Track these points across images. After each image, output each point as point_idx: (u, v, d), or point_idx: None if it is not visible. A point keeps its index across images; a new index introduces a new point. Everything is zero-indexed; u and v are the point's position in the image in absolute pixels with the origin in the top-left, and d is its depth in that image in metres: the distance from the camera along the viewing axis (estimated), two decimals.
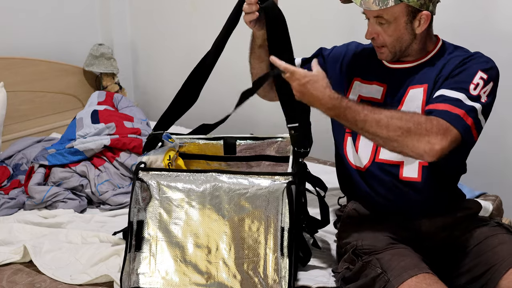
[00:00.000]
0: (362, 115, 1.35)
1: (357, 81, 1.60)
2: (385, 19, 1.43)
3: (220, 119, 1.53)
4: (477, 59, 1.47)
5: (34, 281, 1.59)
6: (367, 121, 1.35)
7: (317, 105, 1.38)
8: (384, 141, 1.36)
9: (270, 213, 1.38)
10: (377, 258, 1.43)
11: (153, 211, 1.43)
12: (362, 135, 1.43)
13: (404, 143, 1.33)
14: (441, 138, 1.32)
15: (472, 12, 2.24)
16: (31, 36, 2.91)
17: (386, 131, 1.33)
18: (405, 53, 1.51)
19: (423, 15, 1.44)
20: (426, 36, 1.51)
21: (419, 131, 1.32)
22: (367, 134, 1.38)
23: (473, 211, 1.60)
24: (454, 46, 1.56)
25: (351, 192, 1.66)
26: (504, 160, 2.31)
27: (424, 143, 1.32)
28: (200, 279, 1.41)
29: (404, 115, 1.35)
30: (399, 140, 1.33)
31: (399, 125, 1.33)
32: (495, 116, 2.25)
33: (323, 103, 1.37)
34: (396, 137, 1.33)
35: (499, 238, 1.47)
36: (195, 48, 3.23)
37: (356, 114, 1.35)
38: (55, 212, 1.99)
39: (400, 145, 1.34)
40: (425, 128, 1.32)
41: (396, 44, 1.48)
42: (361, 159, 1.56)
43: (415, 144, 1.32)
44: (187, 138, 1.72)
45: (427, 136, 1.32)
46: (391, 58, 1.52)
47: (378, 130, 1.34)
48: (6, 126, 2.60)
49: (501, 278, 1.36)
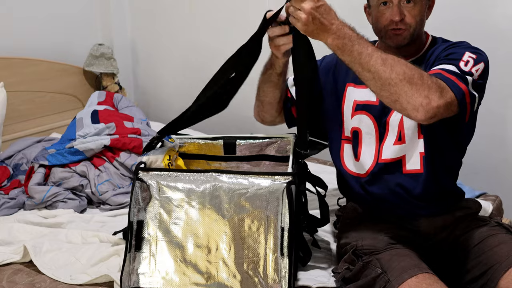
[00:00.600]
0: (369, 50, 1.30)
1: (350, 87, 1.59)
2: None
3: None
4: (465, 44, 1.49)
5: (34, 281, 1.59)
6: (373, 56, 1.30)
7: (326, 31, 1.30)
8: (382, 83, 1.30)
9: (270, 213, 1.38)
10: (377, 258, 1.43)
11: (153, 211, 1.44)
12: (361, 74, 1.33)
13: (403, 90, 1.28)
14: (439, 95, 1.30)
15: (472, 10, 2.24)
16: (31, 36, 2.91)
17: (389, 71, 1.29)
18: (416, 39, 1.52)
19: (433, 2, 1.50)
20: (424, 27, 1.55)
21: (420, 82, 1.29)
22: (367, 73, 1.31)
23: (472, 210, 1.60)
24: (443, 39, 1.57)
25: (349, 196, 1.67)
26: (504, 160, 2.31)
27: (422, 96, 1.28)
28: (200, 279, 1.41)
29: (409, 64, 1.32)
30: (399, 85, 1.28)
31: (404, 69, 1.29)
32: (495, 116, 2.27)
33: (334, 29, 1.30)
34: (397, 80, 1.28)
35: (499, 238, 1.47)
36: (195, 48, 3.26)
37: (364, 47, 1.30)
38: (55, 212, 2.00)
39: (399, 91, 1.29)
40: (427, 82, 1.29)
41: (418, 26, 1.50)
42: (363, 165, 1.56)
43: (414, 94, 1.28)
44: (187, 138, 1.72)
45: (427, 89, 1.29)
46: (408, 41, 1.50)
47: (381, 68, 1.29)
48: (6, 126, 2.60)
49: (501, 278, 1.36)
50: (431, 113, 1.29)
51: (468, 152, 1.61)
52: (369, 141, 1.55)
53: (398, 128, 1.51)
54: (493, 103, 2.21)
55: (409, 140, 1.50)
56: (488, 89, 1.64)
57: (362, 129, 1.56)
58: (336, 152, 1.63)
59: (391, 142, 1.52)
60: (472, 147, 1.49)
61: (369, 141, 1.55)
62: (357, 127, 1.57)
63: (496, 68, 2.19)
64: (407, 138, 1.50)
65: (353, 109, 1.57)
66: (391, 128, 1.52)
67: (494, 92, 2.20)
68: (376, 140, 1.54)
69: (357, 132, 1.57)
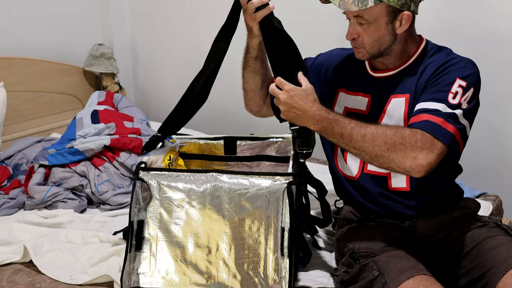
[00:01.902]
0: (348, 129, 1.36)
1: (342, 92, 1.59)
2: (365, 19, 1.41)
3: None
4: (455, 66, 1.43)
5: (34, 281, 1.58)
6: (353, 135, 1.35)
7: (304, 118, 1.38)
8: (370, 157, 1.36)
9: (270, 213, 1.38)
10: (374, 260, 1.42)
11: (153, 211, 1.44)
12: (348, 151, 1.42)
13: (390, 158, 1.33)
14: (426, 152, 1.32)
15: (472, 12, 2.24)
16: (31, 36, 2.91)
17: (371, 146, 1.33)
18: (385, 53, 1.47)
19: (404, 16, 1.42)
20: (407, 36, 1.48)
21: (403, 146, 1.32)
22: (353, 150, 1.38)
23: (471, 210, 1.58)
24: (437, 47, 1.52)
25: (345, 199, 1.67)
26: (504, 160, 2.31)
27: (410, 159, 1.31)
28: (200, 279, 1.41)
29: (389, 129, 1.35)
30: (385, 155, 1.33)
31: (384, 140, 1.33)
32: (495, 116, 2.27)
33: (311, 116, 1.37)
34: (381, 152, 1.33)
35: (497, 240, 1.46)
36: (195, 48, 3.25)
37: (343, 128, 1.36)
38: (55, 212, 1.99)
39: (387, 161, 1.34)
40: (410, 143, 1.32)
41: (375, 45, 1.45)
42: (351, 170, 1.57)
43: (401, 160, 1.32)
44: (187, 138, 1.73)
45: (412, 151, 1.31)
46: (367, 58, 1.49)
47: (363, 145, 1.34)
48: (6, 126, 2.60)
49: (499, 281, 1.35)
50: (424, 171, 1.33)
51: (468, 153, 1.61)
52: None
53: None
54: (493, 104, 2.21)
55: None
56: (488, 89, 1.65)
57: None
58: (330, 154, 1.64)
59: None
60: (472, 147, 1.49)
61: None
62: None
63: (496, 69, 2.20)
64: None
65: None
66: None
67: (494, 92, 2.20)
68: None
69: None
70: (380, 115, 1.51)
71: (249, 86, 1.63)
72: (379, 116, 1.51)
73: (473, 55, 1.55)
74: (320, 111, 1.37)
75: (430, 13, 2.30)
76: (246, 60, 1.59)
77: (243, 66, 1.61)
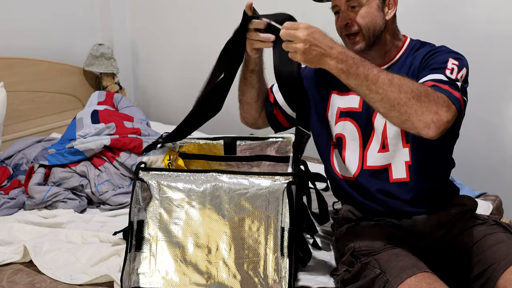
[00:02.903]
0: (375, 71, 1.28)
1: (334, 94, 1.60)
2: (358, 0, 1.45)
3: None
4: (443, 50, 1.48)
5: (34, 281, 1.59)
6: (380, 77, 1.27)
7: (327, 57, 1.27)
8: (391, 104, 1.27)
9: (270, 213, 1.38)
10: (375, 259, 1.43)
11: (153, 211, 1.44)
12: (368, 97, 1.31)
13: (414, 108, 1.27)
14: (446, 110, 1.29)
15: (472, 12, 2.24)
16: (31, 36, 2.91)
17: (397, 92, 1.27)
18: (377, 41, 1.49)
19: (391, 0, 1.47)
20: (394, 29, 1.53)
21: (427, 99, 1.28)
22: (375, 95, 1.29)
23: (468, 207, 1.60)
24: (421, 42, 1.56)
25: (343, 199, 1.67)
26: (503, 160, 2.31)
27: (432, 112, 1.27)
28: (200, 279, 1.41)
29: (414, 81, 1.31)
30: (409, 104, 1.27)
31: (412, 88, 1.28)
32: (494, 116, 2.27)
33: (335, 54, 1.27)
34: (406, 100, 1.26)
35: (497, 237, 1.47)
36: (195, 48, 3.25)
37: (369, 69, 1.28)
38: (55, 212, 2.00)
39: (408, 110, 1.27)
40: (433, 98, 1.28)
41: (371, 27, 1.46)
42: (349, 170, 1.57)
43: (424, 112, 1.27)
44: (187, 138, 1.72)
45: (435, 105, 1.28)
46: (365, 46, 1.49)
47: (389, 89, 1.27)
48: (6, 126, 2.60)
49: (500, 277, 1.36)
50: (441, 129, 1.29)
51: (468, 153, 1.61)
52: (353, 146, 1.57)
53: (381, 136, 1.52)
54: (493, 104, 2.22)
55: (393, 148, 1.51)
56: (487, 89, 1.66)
57: (345, 135, 1.57)
58: (326, 157, 1.64)
59: (375, 149, 1.53)
60: (472, 147, 1.49)
61: (353, 146, 1.57)
62: (341, 133, 1.58)
63: (494, 68, 2.21)
64: (391, 146, 1.51)
65: (337, 116, 1.59)
66: (375, 134, 1.53)
67: (494, 92, 2.21)
68: (360, 145, 1.56)
69: (341, 138, 1.58)
70: (373, 110, 1.50)
71: (244, 99, 1.63)
72: (373, 111, 1.51)
73: (472, 56, 1.56)
74: (344, 49, 1.29)
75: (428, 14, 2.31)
76: (243, 72, 1.58)
77: (240, 78, 1.60)
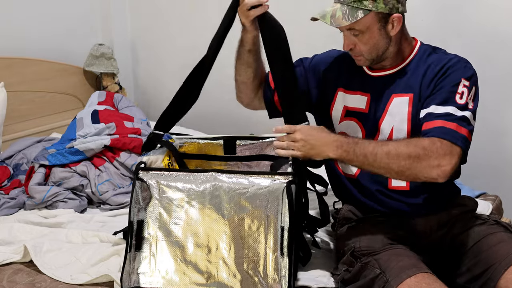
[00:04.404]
0: (370, 148, 1.38)
1: (341, 92, 1.60)
2: (358, 30, 1.44)
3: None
4: (457, 66, 1.47)
5: (34, 281, 1.59)
6: (377, 153, 1.37)
7: (324, 147, 1.41)
8: (396, 172, 1.38)
9: (270, 213, 1.38)
10: (375, 259, 1.43)
11: (153, 210, 1.44)
12: (372, 172, 1.43)
13: (418, 169, 1.35)
14: (449, 158, 1.35)
15: (475, 13, 2.24)
16: (31, 36, 2.91)
17: (397, 162, 1.36)
18: (383, 57, 1.50)
19: (395, 18, 1.45)
20: (401, 36, 1.51)
21: (427, 156, 1.34)
22: (379, 170, 1.39)
23: (468, 208, 1.60)
24: (432, 48, 1.55)
25: (344, 197, 1.67)
26: (504, 160, 2.31)
27: (435, 167, 1.35)
28: (200, 279, 1.41)
29: (408, 143, 1.38)
30: (412, 168, 1.35)
31: (409, 153, 1.35)
32: (495, 116, 2.27)
33: (330, 143, 1.40)
34: (408, 165, 1.35)
35: (498, 236, 1.47)
36: (195, 48, 3.23)
37: (365, 148, 1.38)
38: (55, 212, 2.00)
39: (414, 173, 1.36)
40: (432, 152, 1.35)
41: (373, 51, 1.48)
42: (351, 167, 1.57)
43: (426, 169, 1.35)
44: (187, 138, 1.72)
45: (436, 159, 1.34)
46: (369, 64, 1.52)
47: (389, 161, 1.36)
48: (6, 126, 2.60)
49: (501, 277, 1.36)
50: (449, 175, 1.37)
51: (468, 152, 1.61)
52: None
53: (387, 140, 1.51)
54: (493, 104, 2.21)
55: None
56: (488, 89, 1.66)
57: (348, 134, 1.57)
58: None
59: None
60: (472, 147, 1.49)
61: None
62: (344, 132, 1.58)
63: (496, 70, 2.20)
64: None
65: (343, 115, 1.59)
66: (380, 137, 1.53)
67: (494, 92, 2.20)
68: None
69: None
70: (381, 113, 1.51)
71: (240, 78, 1.64)
72: (380, 114, 1.51)
73: (474, 57, 1.56)
74: (337, 137, 1.42)
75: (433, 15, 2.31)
76: (239, 52, 1.60)
77: (235, 58, 1.62)
